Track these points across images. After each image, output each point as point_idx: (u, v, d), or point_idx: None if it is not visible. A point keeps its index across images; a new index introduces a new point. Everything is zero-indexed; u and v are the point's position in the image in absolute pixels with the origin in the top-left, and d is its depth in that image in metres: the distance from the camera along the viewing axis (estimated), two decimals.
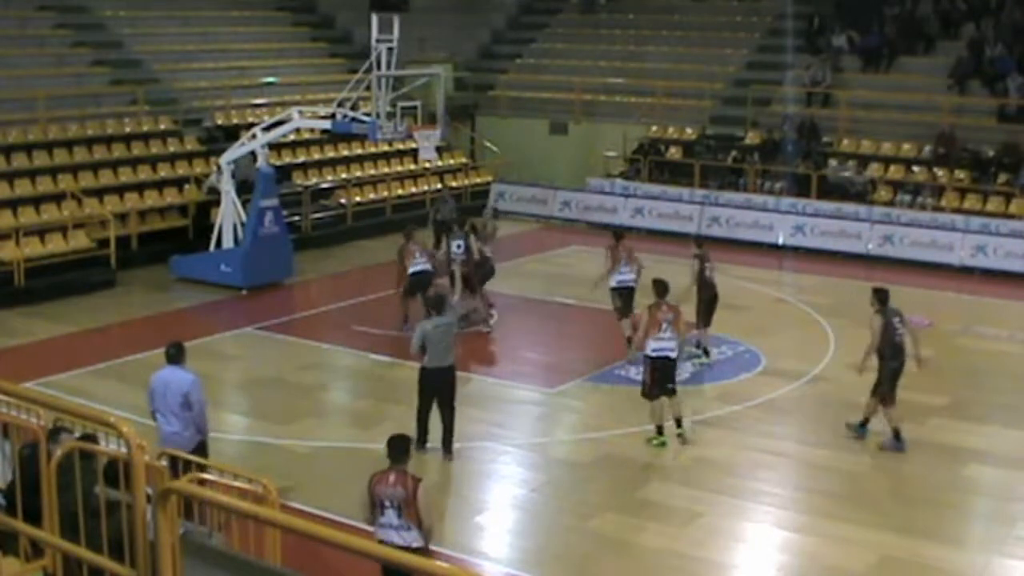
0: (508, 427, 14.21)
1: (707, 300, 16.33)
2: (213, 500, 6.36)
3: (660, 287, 13.47)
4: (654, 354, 13.10)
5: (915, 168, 25.90)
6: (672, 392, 13.25)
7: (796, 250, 24.52)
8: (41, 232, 20.44)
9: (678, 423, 13.32)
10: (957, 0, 29.27)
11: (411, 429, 12.18)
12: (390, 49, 19.72)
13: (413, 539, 8.39)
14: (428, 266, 17.68)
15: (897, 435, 13.21)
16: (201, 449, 10.53)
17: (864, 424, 13.51)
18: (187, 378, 10.53)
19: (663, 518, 11.56)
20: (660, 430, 13.24)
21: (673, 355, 13.19)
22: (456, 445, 12.88)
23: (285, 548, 8.60)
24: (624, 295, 16.60)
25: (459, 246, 18.26)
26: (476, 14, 35.32)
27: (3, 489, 6.80)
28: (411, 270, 17.52)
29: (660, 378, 13.09)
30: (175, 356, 10.65)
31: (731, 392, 15.31)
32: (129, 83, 25.07)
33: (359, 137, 23.84)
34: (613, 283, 16.66)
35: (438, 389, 12.73)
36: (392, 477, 8.43)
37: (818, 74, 28.18)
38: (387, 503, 8.39)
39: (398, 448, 8.57)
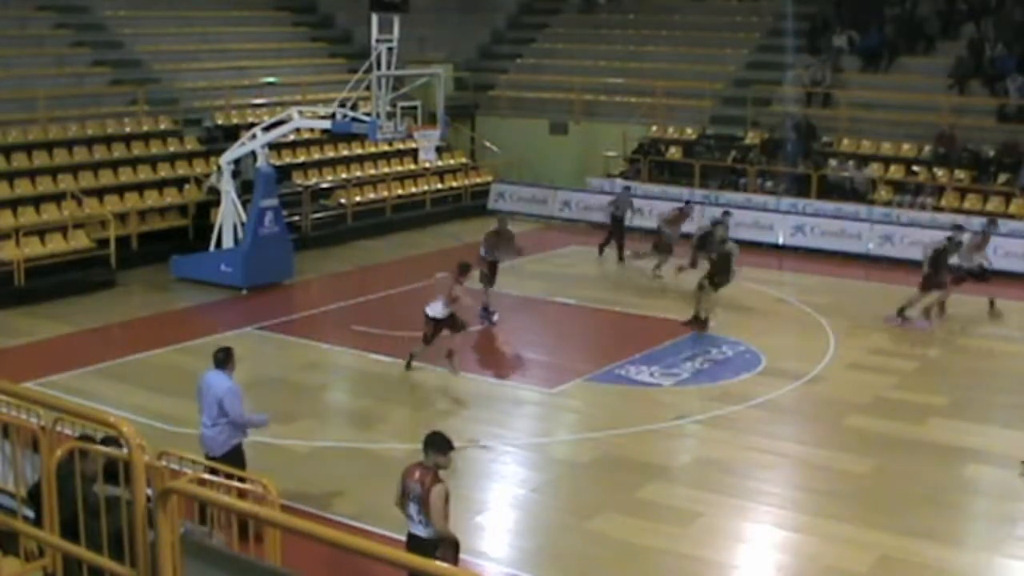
0: (508, 427, 14.21)
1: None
2: (213, 500, 6.35)
3: None
4: None
5: (915, 168, 25.89)
6: None
7: (796, 250, 24.53)
8: (41, 232, 20.44)
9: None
10: (957, 0, 29.27)
11: (412, 428, 12.15)
12: (390, 49, 19.72)
13: (432, 535, 8.43)
14: None
15: None
16: (237, 452, 10.50)
17: None
18: (224, 386, 10.46)
19: (663, 518, 11.54)
20: None
21: None
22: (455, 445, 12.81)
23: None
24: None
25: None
26: (476, 14, 35.29)
27: (26, 499, 6.76)
28: None
29: None
30: (222, 361, 10.63)
31: (731, 392, 15.30)
32: (129, 83, 25.08)
33: (359, 137, 23.86)
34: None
35: None
36: (417, 472, 8.47)
37: (818, 74, 28.17)
38: (410, 496, 8.46)
39: (428, 443, 8.59)
